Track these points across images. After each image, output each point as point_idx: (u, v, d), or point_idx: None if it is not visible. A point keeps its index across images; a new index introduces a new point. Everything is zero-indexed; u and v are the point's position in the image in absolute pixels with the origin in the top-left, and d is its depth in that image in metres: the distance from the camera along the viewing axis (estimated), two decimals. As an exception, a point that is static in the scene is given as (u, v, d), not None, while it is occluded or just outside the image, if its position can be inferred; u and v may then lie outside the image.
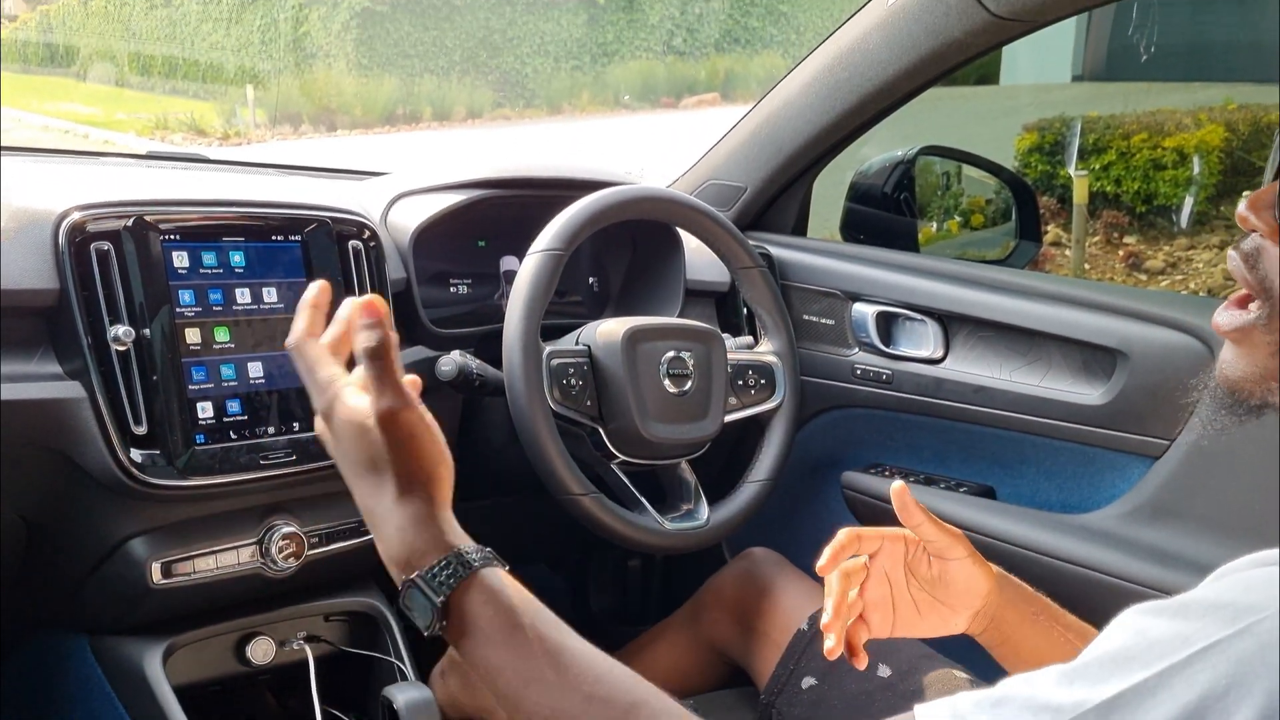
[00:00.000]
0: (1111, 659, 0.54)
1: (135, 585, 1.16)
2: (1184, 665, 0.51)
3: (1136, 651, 0.53)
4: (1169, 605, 0.55)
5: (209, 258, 1.18)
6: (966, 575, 0.94)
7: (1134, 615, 0.56)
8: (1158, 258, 4.99)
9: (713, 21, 15.22)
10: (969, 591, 0.94)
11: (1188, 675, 0.51)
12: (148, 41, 14.37)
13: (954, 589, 0.94)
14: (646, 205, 1.42)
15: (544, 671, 0.71)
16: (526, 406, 1.26)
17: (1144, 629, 0.54)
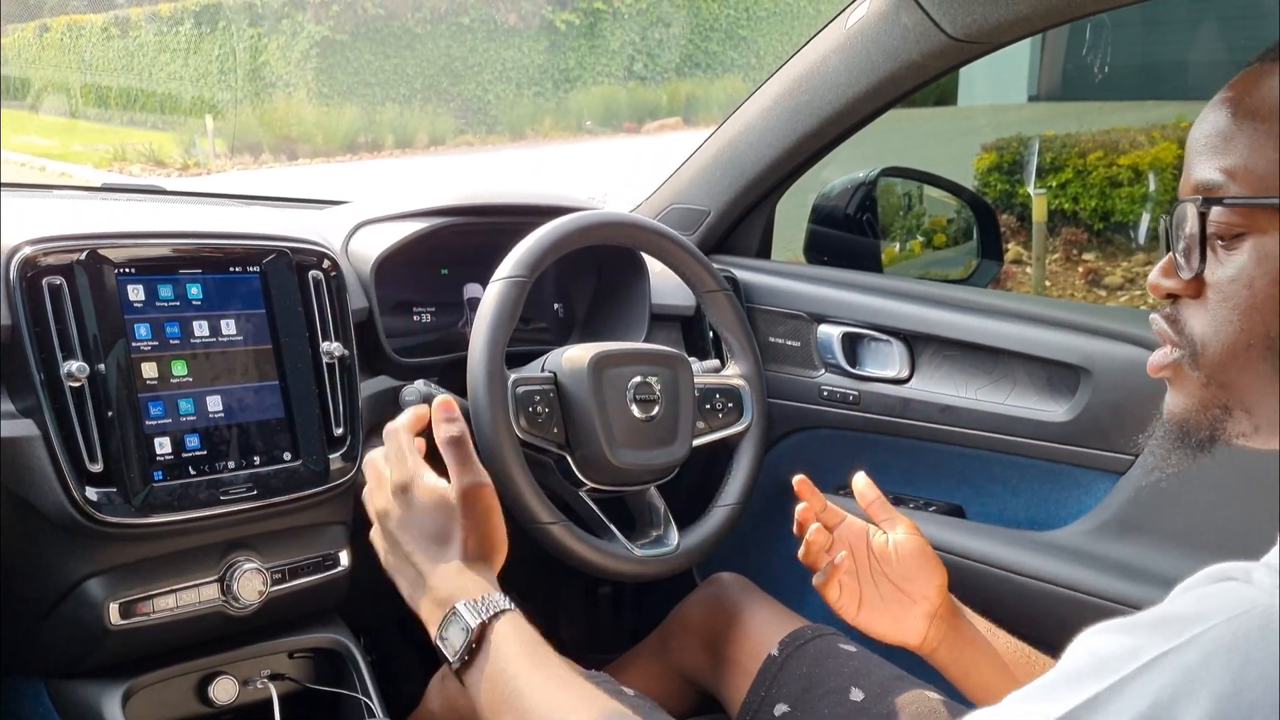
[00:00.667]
0: (1066, 677, 0.56)
1: (93, 627, 1.13)
2: (1133, 677, 0.53)
3: (1090, 668, 0.55)
4: (1121, 623, 0.57)
5: (165, 290, 1.16)
6: (919, 551, 1.05)
7: (1087, 635, 0.58)
8: (1116, 273, 5.06)
9: (673, 46, 15.32)
10: (924, 571, 1.03)
11: (1137, 686, 0.53)
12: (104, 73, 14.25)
13: (909, 565, 1.03)
14: (610, 230, 1.41)
15: (559, 695, 0.80)
16: (492, 435, 1.25)
17: (1096, 647, 0.56)
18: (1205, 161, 0.65)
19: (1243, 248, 0.62)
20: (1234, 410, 0.65)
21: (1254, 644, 0.51)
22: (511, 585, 1.91)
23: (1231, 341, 0.64)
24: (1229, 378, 0.64)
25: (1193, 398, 0.67)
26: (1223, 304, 0.64)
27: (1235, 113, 0.64)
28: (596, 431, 1.31)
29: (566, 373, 1.33)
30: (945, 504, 1.50)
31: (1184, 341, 0.67)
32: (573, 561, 1.29)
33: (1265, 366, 0.62)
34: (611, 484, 1.36)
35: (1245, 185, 0.63)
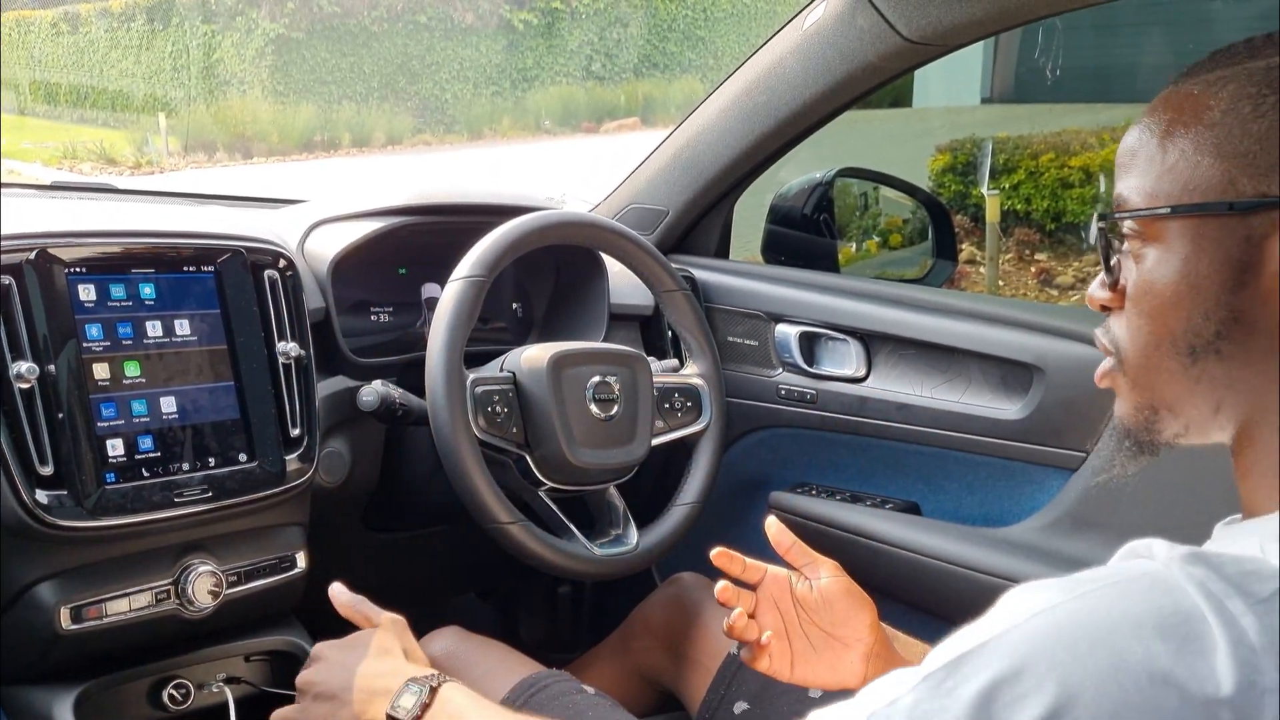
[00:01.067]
0: (973, 627, 0.59)
1: (43, 632, 1.11)
2: (1024, 623, 0.57)
3: (993, 618, 0.59)
4: (1042, 582, 0.60)
5: (117, 290, 1.14)
6: (845, 594, 1.02)
7: (1013, 591, 0.61)
8: (1068, 273, 5.13)
9: (631, 47, 15.33)
10: (852, 620, 1.01)
11: (1024, 629, 0.56)
12: (53, 69, 14.00)
13: (838, 610, 1.01)
14: (569, 230, 1.41)
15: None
16: (451, 435, 1.24)
17: (1006, 602, 0.60)
18: (1117, 180, 0.70)
19: (1146, 255, 0.67)
20: (1159, 411, 0.69)
21: (1134, 597, 0.55)
22: (471, 585, 1.92)
23: (1143, 344, 0.68)
24: (1148, 379, 0.68)
25: (1127, 402, 0.71)
26: (1134, 310, 0.68)
27: (1138, 133, 0.68)
28: (555, 431, 1.31)
29: (525, 372, 1.33)
30: (901, 501, 1.52)
31: (1114, 350, 0.71)
32: (532, 561, 1.29)
33: (1174, 365, 0.66)
34: (571, 483, 1.36)
35: (1141, 199, 0.66)
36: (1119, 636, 0.54)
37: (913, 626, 1.50)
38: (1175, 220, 0.65)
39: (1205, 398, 0.66)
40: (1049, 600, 0.57)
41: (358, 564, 1.55)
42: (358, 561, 1.54)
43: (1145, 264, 0.67)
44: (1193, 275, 0.64)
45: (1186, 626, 0.53)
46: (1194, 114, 0.65)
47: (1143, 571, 0.57)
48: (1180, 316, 0.65)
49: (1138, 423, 0.70)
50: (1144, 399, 0.69)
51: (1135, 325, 0.68)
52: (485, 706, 0.95)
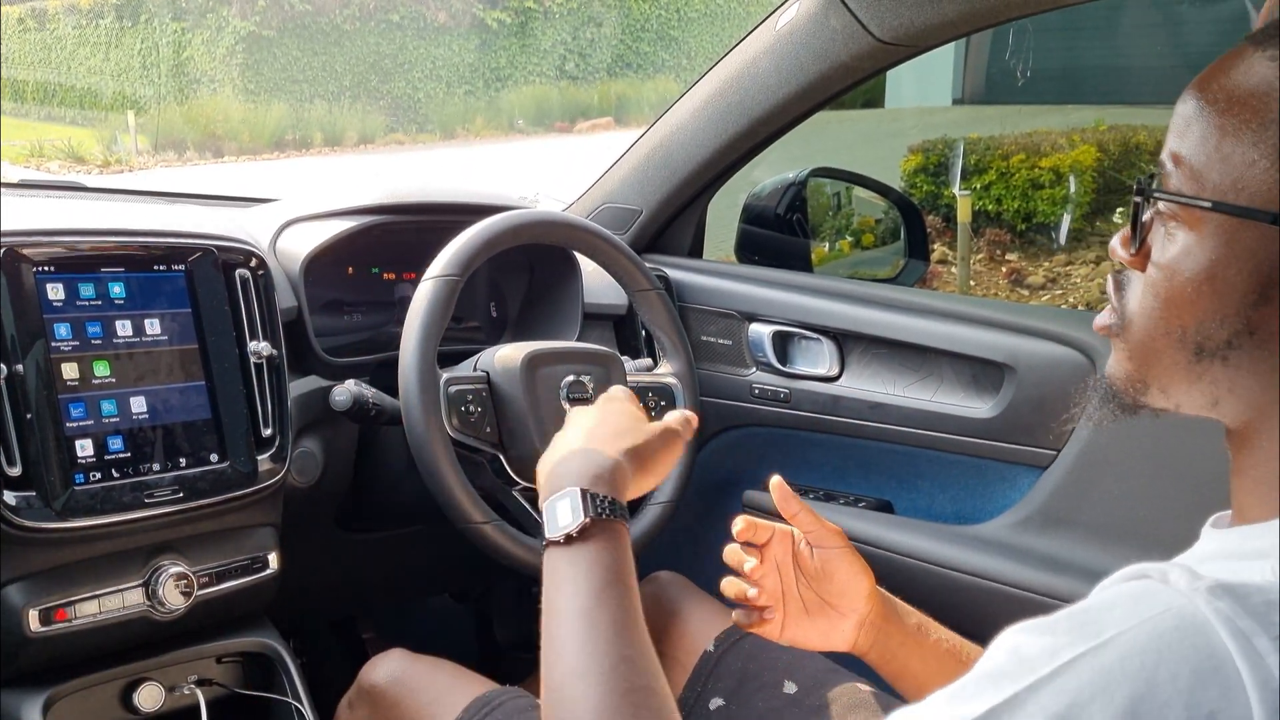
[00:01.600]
0: (987, 676, 0.56)
1: (11, 634, 1.10)
2: (1051, 677, 0.54)
3: (1010, 668, 0.56)
4: (1040, 623, 0.58)
5: (86, 289, 1.13)
6: (847, 567, 1.00)
7: (1010, 634, 0.59)
8: (1038, 273, 5.18)
9: (605, 46, 15.33)
10: (851, 586, 1.00)
11: (1055, 686, 0.54)
12: (20, 66, 13.84)
13: (837, 581, 1.00)
14: (542, 229, 1.41)
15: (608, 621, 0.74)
16: (424, 435, 1.24)
17: (1017, 646, 0.57)
18: (1170, 139, 0.65)
19: (1178, 236, 0.63)
20: (1151, 387, 0.67)
21: (1167, 645, 0.53)
22: (445, 585, 1.91)
23: (1151, 325, 0.65)
24: (1146, 359, 0.66)
25: (1120, 366, 0.69)
26: (1150, 286, 0.65)
27: (1201, 94, 0.63)
28: (529, 431, 1.31)
29: (499, 372, 1.33)
30: (874, 500, 1.52)
31: (1119, 308, 0.68)
32: (506, 560, 1.29)
33: (1178, 356, 0.64)
34: (545, 483, 1.35)
35: (1187, 177, 0.63)
36: (1158, 693, 0.52)
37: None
38: (1214, 215, 0.61)
39: (1203, 393, 0.64)
40: (1069, 646, 0.54)
41: (331, 565, 1.54)
42: (331, 562, 1.54)
43: (1174, 246, 0.64)
44: (1218, 277, 0.61)
45: (1221, 674, 0.52)
46: (1261, 103, 0.60)
47: (1166, 607, 0.54)
48: (1195, 314, 0.62)
49: (1126, 388, 0.68)
50: (1138, 373, 0.67)
51: (1147, 304, 0.66)
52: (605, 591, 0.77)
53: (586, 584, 0.76)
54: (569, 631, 0.74)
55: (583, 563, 0.77)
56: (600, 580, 0.76)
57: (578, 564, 0.77)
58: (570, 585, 0.77)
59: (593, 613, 0.74)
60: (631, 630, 0.74)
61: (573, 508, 0.79)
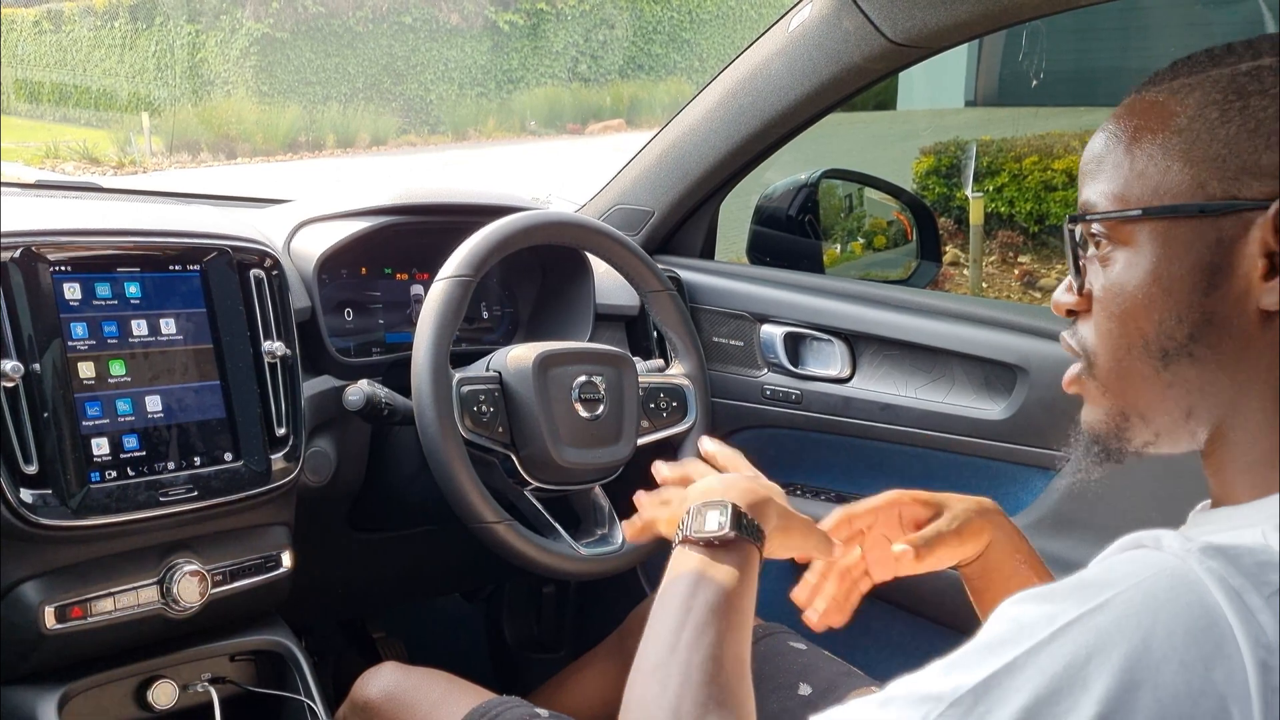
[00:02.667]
0: (986, 645, 0.58)
1: (27, 631, 1.11)
2: (1049, 640, 0.56)
3: (1009, 635, 0.57)
4: (1038, 591, 0.59)
5: (103, 289, 1.14)
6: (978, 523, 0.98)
7: (1008, 605, 0.60)
8: (1051, 276, 5.16)
9: (617, 48, 15.34)
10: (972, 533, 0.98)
11: (1052, 649, 0.55)
12: (36, 67, 13.92)
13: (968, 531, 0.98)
14: (554, 230, 1.42)
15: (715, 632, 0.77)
16: (437, 434, 1.25)
17: (1016, 615, 0.58)
18: (1084, 185, 0.70)
19: (1114, 259, 0.67)
20: (1130, 417, 0.69)
21: (1161, 604, 0.54)
22: (456, 585, 1.92)
23: (1114, 347, 0.68)
24: (1119, 384, 0.68)
25: (1098, 408, 0.71)
26: (1103, 313, 0.68)
27: (1105, 138, 0.69)
28: (541, 431, 1.31)
29: (511, 372, 1.33)
30: (886, 501, 1.52)
31: (1081, 354, 0.71)
32: (517, 560, 1.29)
33: (1145, 369, 0.66)
34: (556, 483, 1.36)
35: (1110, 203, 0.67)
36: (1153, 651, 0.53)
37: (896, 626, 1.51)
38: (1146, 223, 0.65)
39: (1177, 402, 0.66)
40: (1065, 611, 0.56)
41: (342, 564, 1.55)
42: (342, 562, 1.54)
43: (1114, 268, 0.67)
44: (1164, 278, 0.65)
45: (1214, 631, 0.53)
46: (1161, 120, 0.66)
47: (1160, 568, 0.56)
48: (1152, 319, 0.65)
49: (1107, 429, 0.70)
50: (1114, 404, 0.69)
51: (1105, 329, 0.69)
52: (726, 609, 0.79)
53: (712, 591, 0.79)
54: (676, 625, 0.78)
55: (715, 569, 0.81)
56: (726, 592, 0.79)
57: (710, 569, 0.81)
58: (694, 587, 0.80)
59: (705, 616, 0.78)
60: (741, 645, 0.78)
61: (721, 519, 0.83)
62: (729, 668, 0.75)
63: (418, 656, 1.39)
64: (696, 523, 0.84)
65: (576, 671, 1.49)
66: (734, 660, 0.76)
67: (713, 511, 0.84)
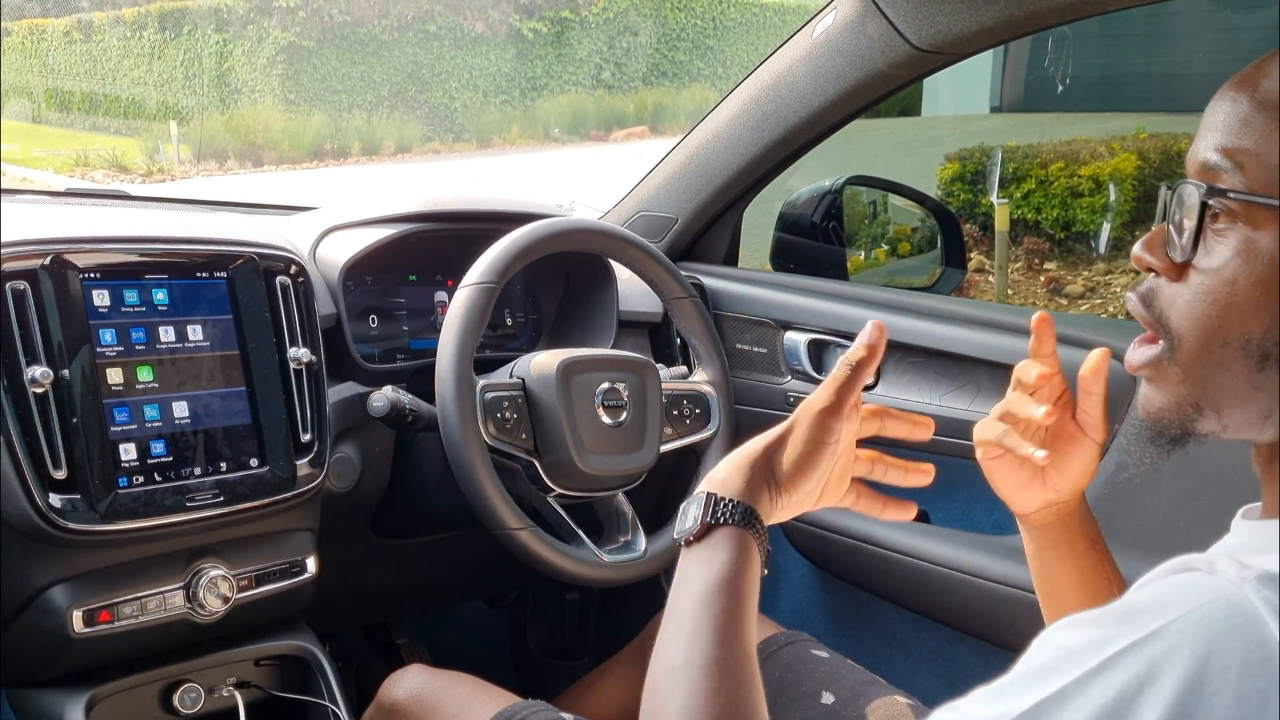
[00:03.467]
0: (1033, 672, 0.56)
1: (55, 635, 1.12)
2: (1100, 669, 0.54)
3: (1056, 663, 0.55)
4: (1085, 617, 0.57)
5: (131, 296, 1.15)
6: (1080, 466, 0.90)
7: (1053, 630, 0.58)
8: (1077, 283, 5.12)
9: (640, 56, 15.36)
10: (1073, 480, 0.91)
11: (1104, 678, 0.53)
12: (66, 77, 14.09)
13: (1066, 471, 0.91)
14: (578, 237, 1.42)
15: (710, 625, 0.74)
16: (461, 441, 1.25)
17: (1062, 641, 0.57)
18: (1214, 141, 0.63)
19: (1230, 238, 0.61)
20: (1205, 409, 0.64)
21: (1216, 634, 0.52)
22: (480, 591, 1.92)
23: (1208, 337, 0.62)
24: (1203, 375, 0.63)
25: (1170, 395, 0.66)
26: (1204, 295, 0.62)
27: (1251, 97, 0.62)
28: (565, 437, 1.31)
29: (535, 379, 1.33)
30: (910, 509, 1.51)
31: (1161, 330, 0.65)
32: (541, 567, 1.30)
33: (1239, 368, 0.61)
34: (579, 490, 1.36)
35: (1250, 174, 0.60)
36: (1208, 683, 0.51)
37: (920, 634, 1.51)
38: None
39: (1260, 405, 0.62)
40: (1117, 638, 0.54)
41: (366, 570, 1.55)
42: (366, 568, 1.55)
43: (1228, 247, 0.61)
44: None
45: (1270, 664, 0.51)
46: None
47: (1215, 595, 0.53)
48: (1262, 320, 0.60)
49: (1176, 419, 0.65)
50: (1192, 395, 0.64)
51: (1202, 314, 0.62)
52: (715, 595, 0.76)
53: (699, 586, 0.76)
54: (673, 630, 0.76)
55: (698, 565, 0.77)
56: (712, 583, 0.76)
57: (693, 565, 0.78)
58: (685, 585, 0.77)
59: (697, 614, 0.75)
60: (732, 634, 0.74)
61: (696, 512, 0.79)
62: (729, 667, 0.72)
63: (441, 663, 1.39)
64: (681, 524, 0.81)
65: (599, 678, 1.49)
66: (737, 656, 0.73)
67: (691, 508, 0.80)
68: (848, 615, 1.60)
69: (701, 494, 0.80)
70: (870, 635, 1.57)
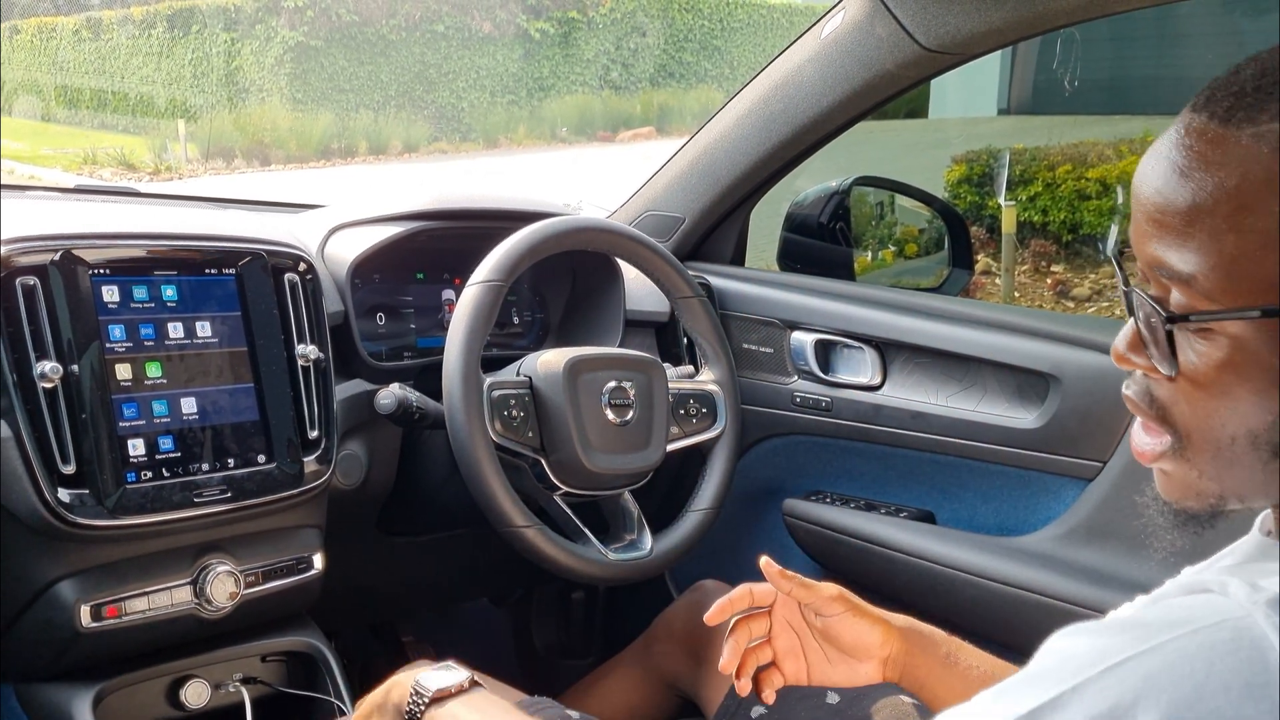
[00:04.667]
0: (1034, 676, 0.56)
1: (63, 629, 1.12)
2: (1097, 678, 0.54)
3: (1056, 669, 0.56)
4: (1091, 625, 0.57)
5: (140, 292, 1.16)
6: (852, 628, 0.97)
7: (1059, 637, 0.58)
8: (1084, 285, 5.11)
9: (648, 56, 15.36)
10: (860, 644, 0.98)
11: (1100, 687, 0.53)
12: (75, 75, 14.12)
13: (844, 642, 0.98)
14: (586, 236, 1.42)
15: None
16: (467, 438, 1.25)
17: (1065, 648, 0.57)
18: (1162, 243, 0.59)
19: (1212, 339, 0.58)
20: (1228, 498, 0.62)
21: (1219, 656, 0.52)
22: (485, 590, 1.92)
23: (1215, 434, 0.60)
24: (1219, 471, 0.61)
25: (1190, 488, 0.63)
26: (1200, 395, 0.60)
27: (1191, 190, 0.57)
28: (571, 436, 1.32)
29: (542, 377, 1.34)
30: (916, 510, 1.51)
31: (1167, 427, 0.63)
32: (547, 565, 1.30)
33: (1252, 461, 0.59)
34: (586, 488, 1.36)
35: (1211, 283, 0.57)
36: (1204, 702, 0.51)
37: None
38: (1263, 320, 0.56)
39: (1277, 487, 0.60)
40: (1118, 649, 0.54)
41: (372, 568, 1.56)
42: (372, 565, 1.55)
43: (1217, 351, 0.59)
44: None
45: (1271, 689, 0.51)
46: (1267, 184, 0.55)
47: (1223, 616, 0.53)
48: (1261, 416, 0.58)
49: (1203, 507, 0.63)
50: (1212, 489, 0.62)
51: (1204, 412, 0.60)
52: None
53: None
54: None
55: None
56: None
57: None
58: None
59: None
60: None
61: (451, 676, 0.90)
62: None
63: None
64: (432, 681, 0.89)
65: (603, 676, 1.49)
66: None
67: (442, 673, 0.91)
68: (853, 616, 1.59)
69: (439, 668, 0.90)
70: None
